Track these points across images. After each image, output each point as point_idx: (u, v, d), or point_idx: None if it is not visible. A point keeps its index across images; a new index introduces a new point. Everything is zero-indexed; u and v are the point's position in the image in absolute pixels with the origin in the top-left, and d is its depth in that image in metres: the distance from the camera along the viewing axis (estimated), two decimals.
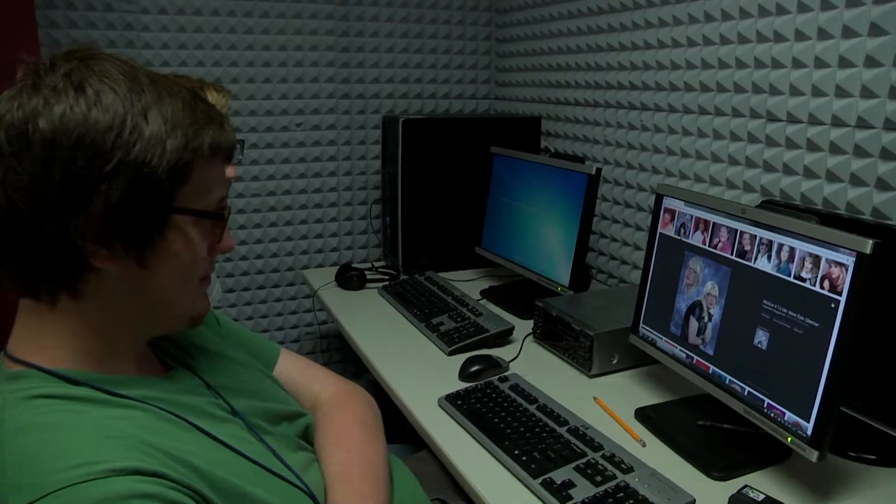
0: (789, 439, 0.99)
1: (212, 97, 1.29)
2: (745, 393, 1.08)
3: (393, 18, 2.37)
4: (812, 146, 1.33)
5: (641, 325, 1.34)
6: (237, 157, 1.39)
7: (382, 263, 2.24)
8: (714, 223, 1.15)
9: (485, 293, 1.93)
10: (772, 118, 1.41)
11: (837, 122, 1.28)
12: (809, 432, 0.96)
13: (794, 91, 1.35)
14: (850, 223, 1.21)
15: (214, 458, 0.74)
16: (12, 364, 0.71)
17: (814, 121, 1.32)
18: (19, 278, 0.70)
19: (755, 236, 1.07)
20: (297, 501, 0.80)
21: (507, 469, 1.09)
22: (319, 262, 2.47)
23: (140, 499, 0.62)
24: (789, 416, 1.00)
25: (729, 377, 1.11)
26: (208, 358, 0.89)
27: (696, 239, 1.19)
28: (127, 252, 0.69)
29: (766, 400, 1.04)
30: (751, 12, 1.43)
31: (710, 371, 1.15)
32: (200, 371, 0.86)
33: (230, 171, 1.38)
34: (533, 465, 1.06)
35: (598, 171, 1.60)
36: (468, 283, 2.02)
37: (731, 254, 1.11)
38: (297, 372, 1.06)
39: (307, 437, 0.97)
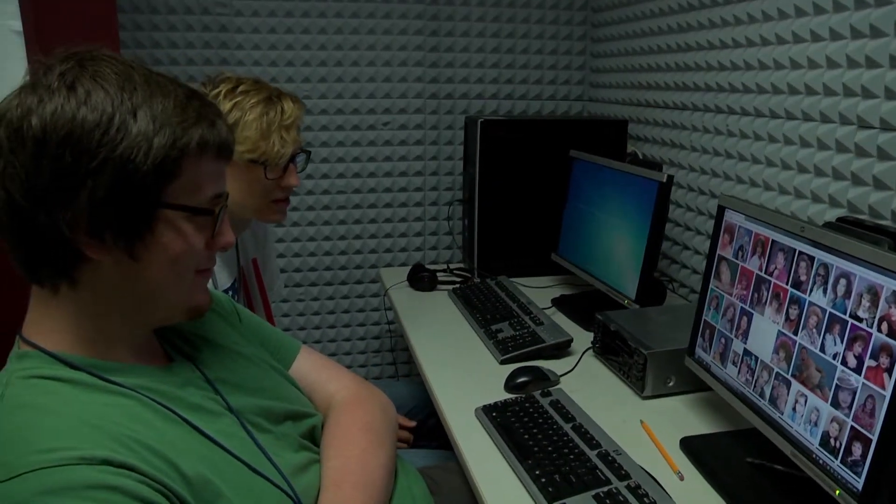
0: (837, 492, 0.87)
1: (287, 106, 1.33)
2: (794, 432, 0.96)
3: (484, 18, 2.34)
4: None
5: (698, 347, 1.23)
6: (300, 165, 1.42)
7: (460, 265, 2.22)
8: (773, 243, 1.04)
9: (556, 302, 1.86)
10: (863, 125, 1.25)
11: None
12: (860, 487, 0.84)
13: (890, 94, 1.18)
14: None
15: (195, 453, 0.75)
16: (23, 344, 0.77)
17: None
18: (23, 266, 0.74)
19: (812, 261, 0.95)
20: (276, 502, 0.80)
21: (526, 488, 1.04)
22: (403, 260, 2.49)
23: (103, 490, 0.63)
24: (839, 466, 0.88)
25: (779, 413, 1.00)
26: (215, 352, 0.91)
27: (753, 264, 1.08)
28: (117, 244, 0.72)
29: (816, 444, 0.92)
30: (845, 4, 1.27)
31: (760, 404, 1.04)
32: (202, 364, 0.88)
33: (293, 179, 1.42)
34: (550, 489, 1.00)
35: (670, 178, 1.49)
36: (541, 291, 1.96)
37: (787, 283, 0.99)
38: (315, 371, 1.07)
39: (313, 438, 0.97)
